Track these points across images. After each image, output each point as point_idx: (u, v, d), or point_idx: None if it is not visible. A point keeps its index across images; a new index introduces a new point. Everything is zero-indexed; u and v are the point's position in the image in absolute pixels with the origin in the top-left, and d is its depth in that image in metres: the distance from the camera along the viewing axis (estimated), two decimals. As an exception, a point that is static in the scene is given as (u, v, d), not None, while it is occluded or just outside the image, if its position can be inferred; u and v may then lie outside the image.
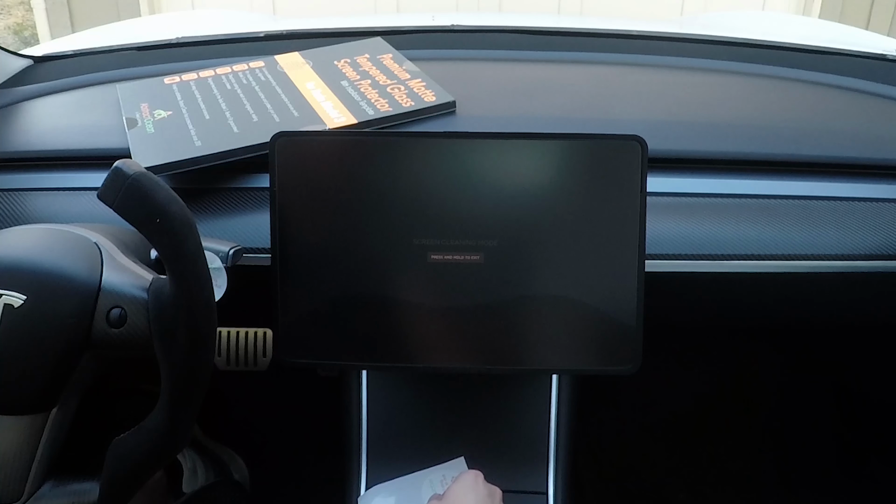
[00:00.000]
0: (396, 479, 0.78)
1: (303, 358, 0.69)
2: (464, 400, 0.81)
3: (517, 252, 0.67)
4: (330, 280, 0.68)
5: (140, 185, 0.51)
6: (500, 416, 0.80)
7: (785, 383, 1.26)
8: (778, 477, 1.25)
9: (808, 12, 3.26)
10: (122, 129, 0.81)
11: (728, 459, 1.24)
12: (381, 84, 0.88)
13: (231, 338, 0.86)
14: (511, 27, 1.10)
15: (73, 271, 0.55)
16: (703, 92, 0.94)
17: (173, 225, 0.51)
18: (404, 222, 0.67)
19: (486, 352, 0.68)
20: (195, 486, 1.00)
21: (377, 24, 1.12)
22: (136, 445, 0.56)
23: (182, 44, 1.05)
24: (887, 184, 0.80)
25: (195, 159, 0.75)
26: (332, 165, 0.67)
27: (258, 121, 0.81)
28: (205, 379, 0.55)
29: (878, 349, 1.14)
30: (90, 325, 0.55)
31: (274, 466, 1.18)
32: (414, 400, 0.81)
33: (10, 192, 0.76)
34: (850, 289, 0.79)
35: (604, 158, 0.66)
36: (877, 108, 0.94)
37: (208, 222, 0.73)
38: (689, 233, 0.75)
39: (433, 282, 0.67)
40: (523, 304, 0.67)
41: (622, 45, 1.06)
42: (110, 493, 0.56)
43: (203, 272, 0.53)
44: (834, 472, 1.25)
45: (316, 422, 1.12)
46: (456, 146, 0.67)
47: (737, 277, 0.75)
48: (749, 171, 0.80)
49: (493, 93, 0.92)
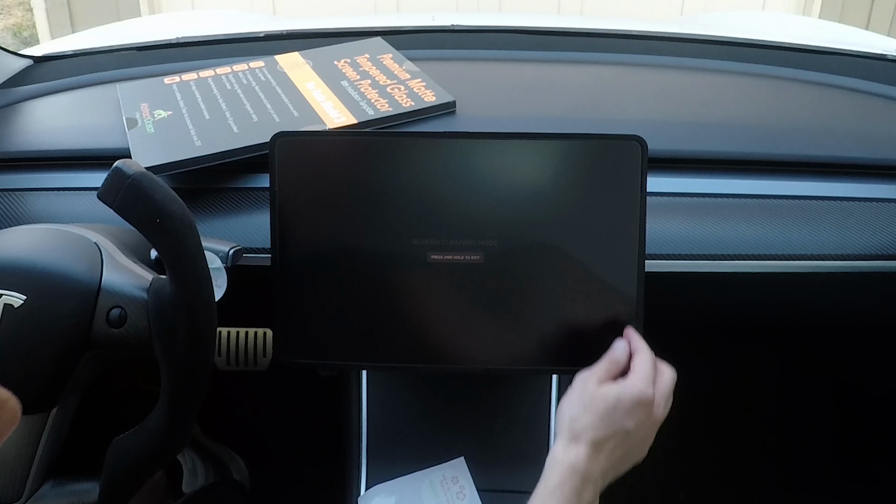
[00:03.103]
0: (396, 480, 0.78)
1: (303, 358, 0.69)
2: (464, 400, 0.80)
3: (517, 252, 0.67)
4: (330, 280, 0.68)
5: (140, 185, 0.51)
6: (500, 416, 0.80)
7: (785, 383, 1.27)
8: (778, 477, 1.25)
9: (808, 12, 3.26)
10: (122, 129, 0.81)
11: (728, 459, 1.24)
12: (381, 84, 0.88)
13: (231, 338, 0.86)
14: (511, 27, 1.10)
15: (73, 271, 0.55)
16: (704, 92, 0.94)
17: (173, 225, 0.51)
18: (404, 222, 0.67)
19: (486, 352, 0.68)
20: (195, 486, 1.00)
21: (377, 24, 1.12)
22: (136, 445, 0.56)
23: (182, 44, 1.05)
24: (887, 184, 0.80)
25: (195, 159, 0.75)
26: (332, 165, 0.67)
27: (258, 121, 0.81)
28: (205, 379, 0.55)
29: (879, 349, 1.14)
30: (90, 325, 0.55)
31: (274, 466, 1.18)
32: (414, 400, 0.81)
33: (10, 192, 0.76)
34: (850, 289, 0.79)
35: (604, 158, 0.66)
36: (877, 108, 0.94)
37: (208, 222, 0.73)
38: (689, 233, 0.75)
39: (433, 282, 0.67)
40: (523, 304, 0.67)
41: (622, 45, 1.06)
42: (110, 493, 0.56)
43: (203, 272, 0.53)
44: (834, 472, 1.25)
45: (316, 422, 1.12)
46: (456, 146, 0.67)
47: (737, 277, 0.75)
48: (749, 171, 0.80)
49: (493, 93, 0.92)
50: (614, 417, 0.58)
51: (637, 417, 0.59)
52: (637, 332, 0.65)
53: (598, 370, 0.62)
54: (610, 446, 0.58)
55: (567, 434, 0.59)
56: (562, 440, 0.59)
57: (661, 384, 0.62)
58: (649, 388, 0.60)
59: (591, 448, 0.58)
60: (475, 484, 0.77)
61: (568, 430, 0.59)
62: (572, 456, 0.57)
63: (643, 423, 0.59)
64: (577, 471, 0.57)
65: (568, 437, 0.59)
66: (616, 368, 0.62)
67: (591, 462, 0.57)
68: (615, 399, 0.59)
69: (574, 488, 0.56)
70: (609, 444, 0.58)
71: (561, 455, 0.58)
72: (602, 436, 0.58)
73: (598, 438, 0.58)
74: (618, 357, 0.63)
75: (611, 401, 0.59)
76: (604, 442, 0.58)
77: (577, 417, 0.59)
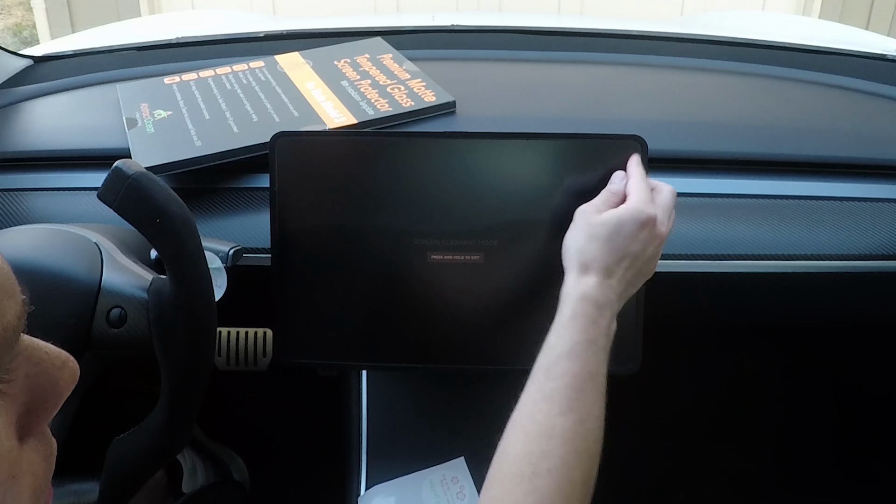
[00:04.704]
0: (396, 479, 0.78)
1: (303, 358, 0.69)
2: (464, 400, 0.80)
3: (517, 252, 0.67)
4: (330, 280, 0.68)
5: (140, 185, 0.51)
6: (500, 416, 0.80)
7: (785, 383, 1.26)
8: (778, 477, 1.25)
9: (808, 12, 3.26)
10: (122, 129, 0.81)
11: (728, 459, 1.24)
12: (381, 84, 0.88)
13: (231, 338, 0.86)
14: (511, 27, 1.10)
15: (73, 271, 0.55)
16: (703, 92, 0.94)
17: (173, 225, 0.51)
18: (404, 222, 0.67)
19: (486, 352, 0.68)
20: (195, 486, 1.00)
21: (377, 24, 1.12)
22: (136, 445, 0.56)
23: (182, 44, 1.05)
24: (887, 184, 0.80)
25: (195, 159, 0.75)
26: (332, 165, 0.67)
27: (258, 121, 0.81)
28: (205, 379, 0.55)
29: (879, 349, 1.14)
30: (90, 325, 0.55)
31: (274, 466, 1.18)
32: (414, 400, 0.81)
33: (10, 192, 0.76)
34: (850, 289, 0.79)
35: (604, 158, 0.66)
36: (877, 108, 0.94)
37: (208, 222, 0.73)
38: (689, 233, 0.75)
39: (433, 282, 0.67)
40: (523, 304, 0.67)
41: (622, 45, 1.06)
42: (110, 493, 0.56)
43: (203, 272, 0.53)
44: (834, 472, 1.25)
45: (316, 422, 1.12)
46: (456, 146, 0.67)
47: (737, 277, 0.75)
48: (749, 171, 0.80)
49: (493, 93, 0.92)
50: (618, 241, 0.58)
51: (641, 237, 0.59)
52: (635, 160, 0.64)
53: (596, 201, 0.62)
54: (620, 270, 0.58)
55: (576, 266, 0.59)
56: (571, 273, 0.59)
57: (660, 200, 0.61)
58: (648, 207, 0.59)
59: (601, 275, 0.58)
60: (475, 484, 0.77)
61: (576, 262, 0.59)
62: (584, 285, 0.57)
63: (649, 241, 0.59)
64: (589, 299, 0.56)
65: (577, 269, 0.58)
66: (615, 198, 0.62)
67: (604, 288, 0.57)
68: (616, 223, 0.59)
69: (588, 316, 0.56)
70: (619, 268, 0.58)
71: (572, 287, 0.58)
72: (611, 261, 0.58)
73: (607, 264, 0.58)
74: (615, 187, 0.63)
75: (612, 225, 0.58)
76: (613, 267, 0.58)
77: (582, 248, 0.59)
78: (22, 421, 0.28)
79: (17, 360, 0.28)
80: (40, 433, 0.30)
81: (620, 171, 0.64)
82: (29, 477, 0.28)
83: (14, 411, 0.28)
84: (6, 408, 0.27)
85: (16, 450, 0.28)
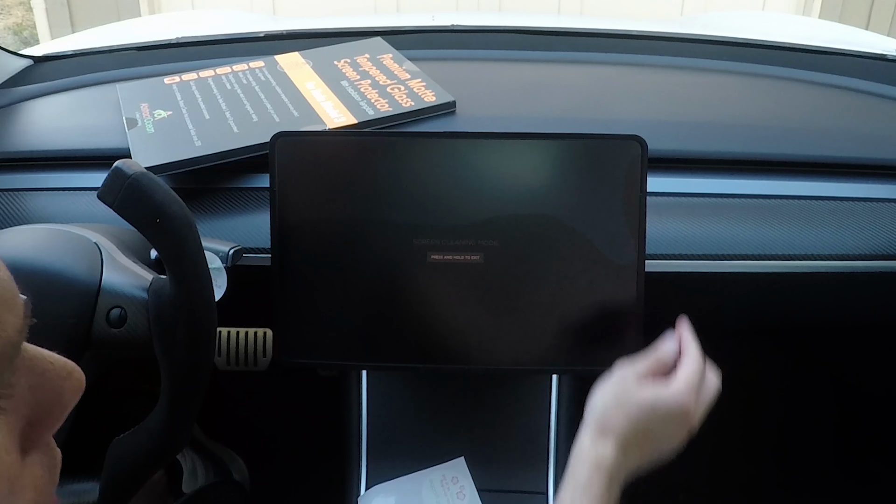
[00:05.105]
0: (396, 479, 0.78)
1: (303, 358, 0.69)
2: (464, 400, 0.80)
3: (517, 252, 0.67)
4: (330, 280, 0.68)
5: (140, 185, 0.51)
6: (500, 416, 0.80)
7: (785, 383, 1.26)
8: (778, 477, 1.25)
9: (808, 12, 3.26)
10: (122, 129, 0.81)
11: (728, 459, 1.24)
12: (381, 84, 0.88)
13: (231, 338, 0.85)
14: (511, 27, 1.10)
15: (73, 271, 0.55)
16: (703, 92, 0.94)
17: (173, 225, 0.51)
18: (404, 222, 0.67)
19: (486, 352, 0.68)
20: (195, 486, 1.00)
21: (377, 24, 1.12)
22: (136, 445, 0.55)
23: (182, 44, 1.05)
24: (887, 184, 0.80)
25: (195, 159, 0.75)
26: (332, 165, 0.67)
27: (258, 121, 0.81)
28: (205, 379, 0.55)
29: (879, 349, 1.14)
30: (90, 325, 0.55)
31: (274, 467, 1.18)
32: (414, 400, 0.81)
33: (10, 192, 0.76)
34: (850, 289, 0.79)
35: (604, 158, 0.66)
36: (877, 108, 0.94)
37: (208, 222, 0.73)
38: (689, 233, 0.75)
39: (433, 282, 0.67)
40: (523, 304, 0.67)
41: (622, 45, 1.06)
42: (110, 493, 0.56)
43: (203, 272, 0.53)
44: (834, 472, 1.25)
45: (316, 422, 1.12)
46: (456, 146, 0.67)
47: (737, 277, 0.75)
48: (749, 171, 0.80)
49: (493, 93, 0.92)
50: (646, 423, 0.56)
51: (671, 426, 0.56)
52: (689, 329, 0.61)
53: (640, 365, 0.59)
54: (638, 448, 0.57)
55: (596, 426, 0.57)
56: (590, 431, 0.57)
57: (704, 395, 0.58)
58: (691, 400, 0.56)
59: (618, 447, 0.56)
60: (475, 484, 0.77)
61: (598, 421, 0.57)
62: (599, 453, 0.56)
63: (677, 434, 0.57)
64: (603, 470, 0.55)
65: (596, 430, 0.57)
66: (660, 368, 0.59)
67: (618, 461, 0.56)
68: (651, 405, 0.56)
69: (602, 486, 0.55)
70: (637, 446, 0.57)
71: (588, 449, 0.56)
72: (632, 437, 0.56)
73: (627, 441, 0.56)
74: (664, 356, 0.60)
75: (646, 407, 0.56)
76: (632, 444, 0.56)
77: (608, 412, 0.57)
78: (25, 433, 0.28)
79: (18, 373, 0.27)
80: (44, 444, 0.29)
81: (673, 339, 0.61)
82: (31, 492, 0.27)
83: (16, 425, 0.27)
84: (7, 422, 0.26)
85: (17, 464, 0.27)
